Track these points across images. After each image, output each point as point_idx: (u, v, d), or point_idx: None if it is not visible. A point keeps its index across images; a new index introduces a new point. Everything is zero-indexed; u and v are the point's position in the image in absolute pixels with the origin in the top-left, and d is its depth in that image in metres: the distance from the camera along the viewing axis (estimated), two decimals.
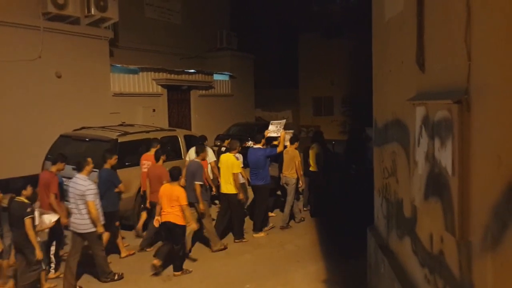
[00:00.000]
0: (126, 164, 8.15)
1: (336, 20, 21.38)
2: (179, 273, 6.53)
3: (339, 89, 22.08)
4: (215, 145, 13.04)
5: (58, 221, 6.24)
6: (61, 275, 6.22)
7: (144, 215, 7.90)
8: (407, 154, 3.99)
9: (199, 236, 7.75)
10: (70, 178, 6.42)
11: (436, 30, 3.21)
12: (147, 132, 9.22)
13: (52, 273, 6.43)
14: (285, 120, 9.16)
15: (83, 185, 5.98)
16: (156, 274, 6.54)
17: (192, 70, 16.33)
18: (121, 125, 9.95)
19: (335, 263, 7.04)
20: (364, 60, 7.99)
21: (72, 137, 8.86)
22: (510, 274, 2.11)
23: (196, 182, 7.23)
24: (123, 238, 7.58)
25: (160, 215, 6.53)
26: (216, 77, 17.84)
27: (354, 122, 19.77)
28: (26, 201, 5.65)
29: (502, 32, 2.16)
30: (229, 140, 9.38)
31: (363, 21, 8.39)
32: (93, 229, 6.04)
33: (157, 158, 7.59)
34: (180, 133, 10.12)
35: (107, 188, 6.85)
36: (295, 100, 23.67)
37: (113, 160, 7.08)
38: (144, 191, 7.76)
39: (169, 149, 9.23)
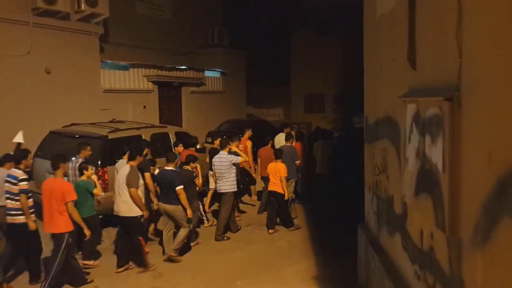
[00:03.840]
0: (116, 161, 8.08)
1: (328, 17, 21.38)
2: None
3: (331, 86, 22.10)
4: (206, 142, 13.02)
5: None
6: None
7: None
8: (398, 151, 4.01)
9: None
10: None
11: (427, 27, 3.22)
12: (138, 128, 9.17)
13: None
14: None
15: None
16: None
17: (183, 67, 16.25)
18: (111, 121, 9.88)
19: (327, 259, 7.07)
20: (356, 57, 8.01)
21: (61, 134, 8.78)
22: (499, 270, 2.13)
23: (296, 162, 8.95)
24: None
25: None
26: (208, 73, 17.76)
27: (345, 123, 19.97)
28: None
29: (493, 30, 2.17)
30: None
31: (355, 18, 8.40)
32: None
33: (266, 143, 9.64)
34: (171, 130, 10.08)
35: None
36: (286, 97, 23.65)
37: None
38: None
39: (160, 146, 9.23)
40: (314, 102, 23.33)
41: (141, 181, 6.56)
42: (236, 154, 8.23)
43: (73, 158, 7.24)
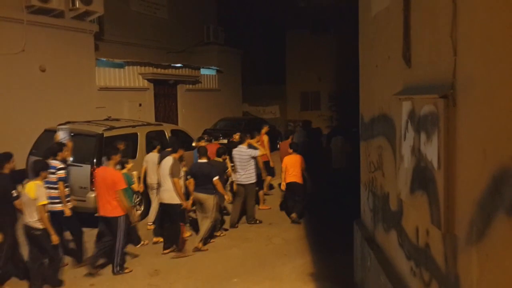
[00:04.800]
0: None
1: (322, 16, 21.39)
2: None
3: (326, 84, 22.15)
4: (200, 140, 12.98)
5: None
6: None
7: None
8: (393, 148, 4.02)
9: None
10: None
11: (422, 25, 3.23)
12: (133, 126, 9.15)
13: None
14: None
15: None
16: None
17: (179, 65, 16.21)
18: (107, 119, 9.85)
19: (323, 256, 7.09)
20: (351, 55, 8.02)
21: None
22: (494, 266, 2.15)
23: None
24: None
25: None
26: (203, 71, 17.74)
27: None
28: None
29: (488, 27, 2.18)
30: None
31: (350, 16, 8.42)
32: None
33: (286, 137, 10.50)
34: (167, 128, 10.07)
35: None
36: (282, 95, 23.67)
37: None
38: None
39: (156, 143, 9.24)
40: (309, 100, 23.38)
41: (181, 172, 7.26)
42: (253, 147, 8.74)
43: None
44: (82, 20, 12.31)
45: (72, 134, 8.31)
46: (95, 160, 7.86)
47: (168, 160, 7.11)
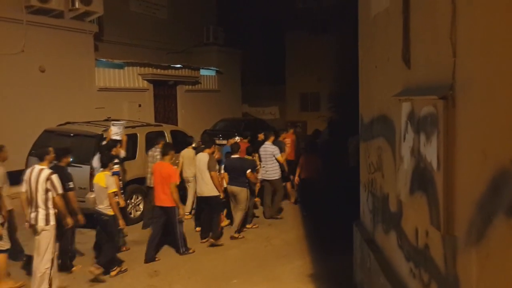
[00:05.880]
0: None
1: (321, 17, 21.39)
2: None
3: (326, 85, 22.12)
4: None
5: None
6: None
7: None
8: (393, 149, 4.02)
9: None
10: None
11: (421, 26, 3.23)
12: (133, 127, 9.14)
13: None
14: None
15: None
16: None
17: (179, 65, 16.21)
18: (106, 120, 9.84)
19: (322, 257, 7.08)
20: (350, 56, 8.03)
21: (56, 132, 8.72)
22: (494, 267, 2.15)
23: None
24: None
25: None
26: (203, 72, 17.74)
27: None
28: None
29: (487, 29, 2.18)
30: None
31: (349, 17, 8.43)
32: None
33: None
34: (166, 128, 10.06)
35: None
36: (281, 95, 23.66)
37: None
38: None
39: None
40: (309, 101, 23.36)
41: (217, 166, 7.90)
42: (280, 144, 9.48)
43: (154, 148, 8.40)
44: (81, 21, 12.32)
45: (70, 134, 8.30)
46: None
47: (204, 156, 7.68)
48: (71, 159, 7.38)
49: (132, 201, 8.58)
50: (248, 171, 7.83)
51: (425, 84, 3.12)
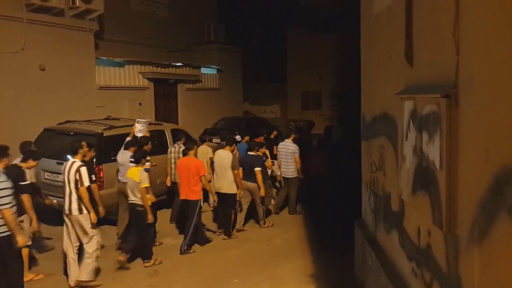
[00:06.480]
0: (112, 158, 8.04)
1: (323, 15, 21.35)
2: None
3: (327, 83, 22.08)
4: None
5: None
6: None
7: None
8: (395, 148, 4.00)
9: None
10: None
11: (424, 24, 3.21)
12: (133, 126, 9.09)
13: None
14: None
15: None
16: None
17: (179, 64, 16.16)
18: (106, 119, 9.81)
19: (323, 256, 7.07)
20: (352, 54, 8.00)
21: (56, 131, 8.71)
22: (496, 267, 2.13)
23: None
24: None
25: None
26: (204, 70, 17.69)
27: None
28: None
29: (490, 26, 2.16)
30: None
31: (351, 15, 8.41)
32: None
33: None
34: (167, 127, 10.04)
35: None
36: (283, 94, 23.62)
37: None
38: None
39: (156, 143, 9.17)
40: (310, 99, 23.31)
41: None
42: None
43: (175, 144, 8.69)
44: (82, 19, 12.27)
45: (71, 133, 8.28)
46: (94, 160, 7.82)
47: (226, 154, 7.89)
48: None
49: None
50: (256, 168, 8.00)
51: (427, 82, 3.10)
